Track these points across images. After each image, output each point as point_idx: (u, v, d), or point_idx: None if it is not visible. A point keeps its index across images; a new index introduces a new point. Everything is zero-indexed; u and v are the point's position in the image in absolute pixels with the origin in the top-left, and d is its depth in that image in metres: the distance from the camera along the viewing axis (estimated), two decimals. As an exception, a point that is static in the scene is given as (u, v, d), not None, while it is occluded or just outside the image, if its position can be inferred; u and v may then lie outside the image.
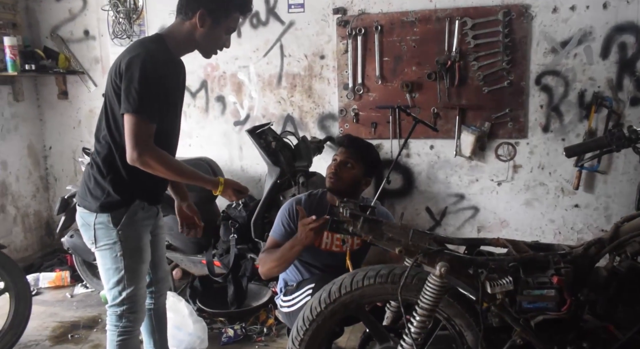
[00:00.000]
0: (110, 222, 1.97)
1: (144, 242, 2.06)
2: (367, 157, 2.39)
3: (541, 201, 3.37)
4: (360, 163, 2.34)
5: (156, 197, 2.15)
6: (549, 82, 3.23)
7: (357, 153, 2.35)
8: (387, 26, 3.36)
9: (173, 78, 1.98)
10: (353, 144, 2.38)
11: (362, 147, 2.42)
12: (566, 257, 1.83)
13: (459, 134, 3.36)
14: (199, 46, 1.99)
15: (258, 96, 3.71)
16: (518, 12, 3.17)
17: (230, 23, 1.99)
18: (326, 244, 2.43)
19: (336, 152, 2.38)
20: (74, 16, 3.97)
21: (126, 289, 2.01)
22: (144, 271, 2.09)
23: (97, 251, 2.04)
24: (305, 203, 2.40)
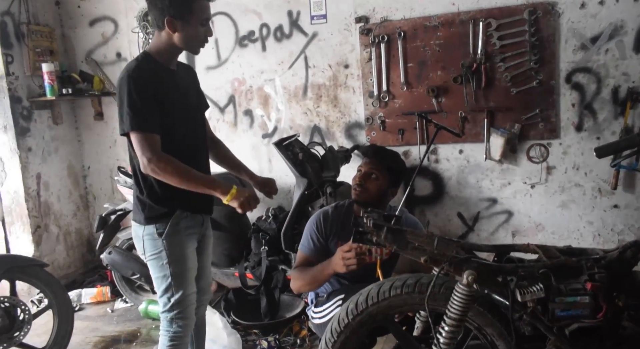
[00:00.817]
0: (155, 233, 2.08)
1: (189, 250, 2.14)
2: (392, 167, 2.37)
3: (578, 203, 3.26)
4: (385, 173, 2.32)
5: (198, 206, 2.18)
6: (580, 80, 3.14)
7: (382, 163, 2.33)
8: (410, 32, 3.35)
9: (166, 84, 2.01)
10: (377, 154, 2.37)
11: (387, 157, 2.40)
12: (600, 262, 1.76)
13: (488, 137, 3.30)
14: (183, 48, 2.03)
15: (285, 108, 3.75)
16: (544, 10, 3.10)
17: (200, 14, 1.99)
18: None
19: (361, 162, 2.37)
20: (106, 40, 4.13)
21: (174, 295, 2.10)
22: (191, 277, 2.16)
23: (148, 261, 2.15)
24: (332, 215, 2.39)
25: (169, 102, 2.01)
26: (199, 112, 2.23)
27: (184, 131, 2.08)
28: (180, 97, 2.07)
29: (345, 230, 2.38)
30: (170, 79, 2.05)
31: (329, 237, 2.38)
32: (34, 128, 3.91)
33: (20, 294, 3.56)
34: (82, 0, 4.11)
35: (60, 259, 4.09)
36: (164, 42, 2.00)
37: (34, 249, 3.86)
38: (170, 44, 2.00)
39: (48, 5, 4.08)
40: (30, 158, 3.87)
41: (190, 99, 2.15)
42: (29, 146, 3.85)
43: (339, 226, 2.38)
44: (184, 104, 2.09)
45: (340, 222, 2.39)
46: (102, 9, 4.09)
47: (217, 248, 3.28)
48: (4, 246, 3.90)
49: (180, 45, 2.00)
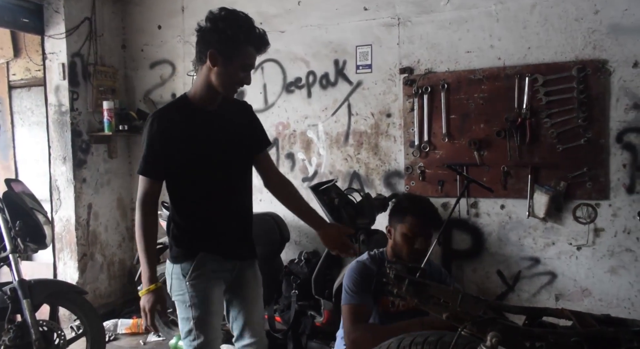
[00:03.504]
0: (180, 273, 2.09)
1: (214, 295, 2.08)
2: (437, 225, 2.30)
3: (629, 269, 3.06)
4: (431, 232, 2.25)
5: (226, 250, 2.13)
6: (632, 140, 3.01)
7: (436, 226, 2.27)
8: (454, 84, 3.36)
9: (193, 127, 1.99)
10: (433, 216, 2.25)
11: (437, 218, 2.29)
12: (640, 335, 1.63)
13: (531, 194, 3.19)
14: (217, 86, 1.97)
15: (326, 153, 3.80)
16: (594, 67, 3.03)
17: (244, 59, 1.97)
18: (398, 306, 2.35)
19: (412, 222, 2.19)
20: (164, 81, 4.39)
21: (196, 340, 2.07)
22: (214, 322, 2.11)
23: (174, 300, 2.16)
24: (371, 265, 2.33)
25: (194, 144, 2.00)
26: (240, 153, 2.15)
27: (205, 173, 2.05)
28: (209, 139, 2.03)
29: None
30: (202, 120, 2.03)
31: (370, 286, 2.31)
32: (90, 160, 4.14)
33: (61, 319, 3.69)
34: (145, 45, 4.42)
35: (102, 288, 4.22)
36: (202, 78, 1.99)
37: (79, 276, 4.01)
38: (206, 78, 1.97)
39: (115, 49, 4.41)
40: (84, 189, 4.09)
41: (227, 141, 2.09)
42: (84, 177, 4.08)
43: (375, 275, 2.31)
44: (216, 146, 2.05)
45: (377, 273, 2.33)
46: (162, 53, 4.37)
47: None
48: (52, 271, 4.08)
49: (215, 81, 1.96)
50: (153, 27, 4.38)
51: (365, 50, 3.63)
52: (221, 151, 2.08)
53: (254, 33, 1.97)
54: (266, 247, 3.32)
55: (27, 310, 2.74)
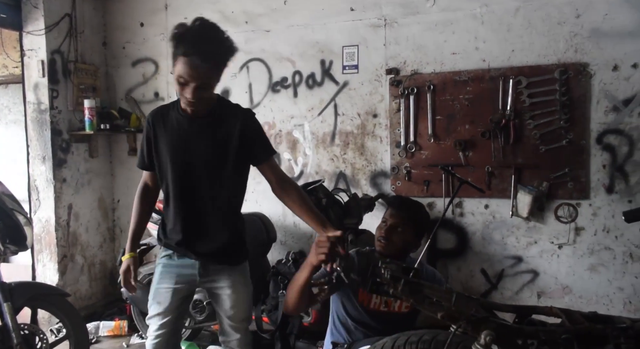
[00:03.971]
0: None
1: (159, 286, 2.28)
2: (418, 219, 2.32)
3: (607, 267, 3.15)
4: (410, 226, 2.27)
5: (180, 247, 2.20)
6: (612, 142, 3.10)
7: (408, 216, 2.29)
8: (440, 85, 3.40)
9: (170, 130, 2.11)
10: (404, 206, 2.32)
11: (413, 209, 2.35)
12: (627, 332, 1.68)
13: (515, 194, 3.25)
14: None
15: (312, 153, 3.80)
16: (575, 70, 3.11)
17: (176, 69, 1.92)
18: (374, 304, 2.38)
19: (386, 213, 2.33)
20: (146, 80, 4.32)
21: None
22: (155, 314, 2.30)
23: None
24: (354, 255, 2.35)
25: (158, 144, 2.14)
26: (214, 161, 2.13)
27: (179, 178, 2.12)
28: (180, 144, 2.09)
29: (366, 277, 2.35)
30: (182, 125, 2.09)
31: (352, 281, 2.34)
32: (71, 160, 4.06)
33: (41, 322, 3.61)
34: (127, 43, 4.35)
35: (82, 290, 4.14)
36: None
37: (59, 278, 3.93)
38: None
39: (96, 46, 4.32)
40: (64, 189, 4.00)
41: (200, 148, 2.09)
42: (64, 177, 3.99)
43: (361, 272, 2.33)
44: (185, 151, 2.09)
45: (362, 269, 2.35)
46: (145, 51, 4.31)
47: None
48: (31, 273, 3.98)
49: None
50: (135, 25, 4.31)
51: (351, 50, 3.64)
52: (189, 157, 2.10)
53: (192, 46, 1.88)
54: (253, 247, 3.28)
55: (8, 314, 2.68)
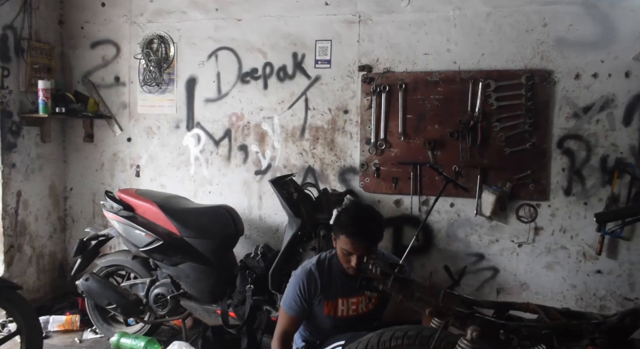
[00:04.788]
0: None
1: None
2: (379, 237, 2.33)
3: (562, 265, 3.32)
4: (375, 245, 2.31)
5: None
6: (571, 146, 3.26)
7: (372, 242, 2.28)
8: (411, 85, 3.45)
9: None
10: (364, 235, 2.25)
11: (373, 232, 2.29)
12: (600, 327, 1.78)
13: (479, 194, 3.36)
14: None
15: (281, 147, 3.76)
16: (541, 77, 3.24)
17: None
18: (342, 312, 2.40)
19: (346, 242, 2.24)
20: (106, 63, 4.12)
21: None
22: None
23: None
24: (316, 274, 2.37)
25: None
26: None
27: None
28: None
29: (330, 287, 2.37)
30: None
31: (313, 297, 2.35)
32: (21, 144, 3.81)
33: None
34: (86, 22, 4.12)
35: (30, 282, 3.90)
36: None
37: (4, 269, 3.68)
38: None
39: (52, 24, 4.07)
40: (13, 174, 3.75)
41: None
42: (13, 162, 3.74)
43: (323, 284, 2.35)
44: None
45: (326, 278, 2.36)
46: (106, 33, 4.10)
47: (200, 283, 3.20)
48: (-28, 264, 3.71)
49: None
50: (96, 4, 4.09)
51: (324, 45, 3.63)
52: None
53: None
54: (220, 240, 3.23)
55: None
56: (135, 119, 4.07)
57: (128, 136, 4.09)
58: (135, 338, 3.30)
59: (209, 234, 3.19)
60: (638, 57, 3.10)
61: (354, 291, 2.37)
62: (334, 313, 2.36)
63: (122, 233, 3.28)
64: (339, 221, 2.32)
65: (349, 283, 2.34)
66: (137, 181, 4.07)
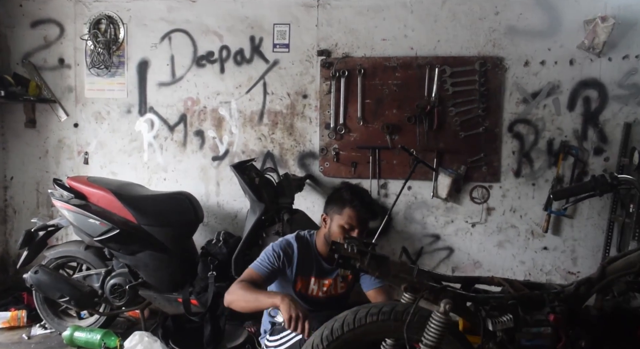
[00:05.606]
0: None
1: None
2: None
3: (512, 243, 3.50)
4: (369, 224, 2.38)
5: None
6: (521, 130, 3.43)
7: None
8: (370, 70, 3.49)
9: None
10: (372, 209, 2.35)
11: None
12: (559, 296, 1.90)
13: (436, 176, 3.47)
14: None
15: (238, 132, 3.71)
16: (493, 63, 3.38)
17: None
18: (313, 291, 2.42)
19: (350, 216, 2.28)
20: (49, 44, 3.88)
21: None
22: None
23: None
24: (296, 246, 2.37)
25: None
26: None
27: None
28: None
29: (306, 264, 2.38)
30: None
31: (287, 266, 2.35)
32: (-45, 130, 3.54)
33: None
34: (25, 0, 3.86)
35: (-32, 278, 3.66)
36: None
37: (-61, 264, 3.43)
38: None
39: (-14, 1, 3.79)
40: (-53, 162, 3.48)
41: None
42: (-54, 149, 3.47)
43: (300, 257, 2.36)
44: None
45: (303, 255, 2.37)
46: (48, 11, 3.86)
47: (160, 272, 3.12)
48: None
49: None
50: (36, -20, 3.84)
51: (283, 29, 3.59)
52: None
53: None
54: (180, 228, 3.16)
55: None
56: (83, 104, 3.87)
57: (75, 121, 3.89)
58: (90, 331, 3.17)
59: (168, 222, 3.11)
60: (581, 45, 3.28)
61: (327, 273, 2.40)
62: (305, 290, 2.37)
63: (73, 223, 3.13)
64: (340, 197, 2.33)
65: (324, 266, 2.37)
66: (86, 168, 3.89)
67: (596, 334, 1.90)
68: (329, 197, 2.43)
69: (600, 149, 3.35)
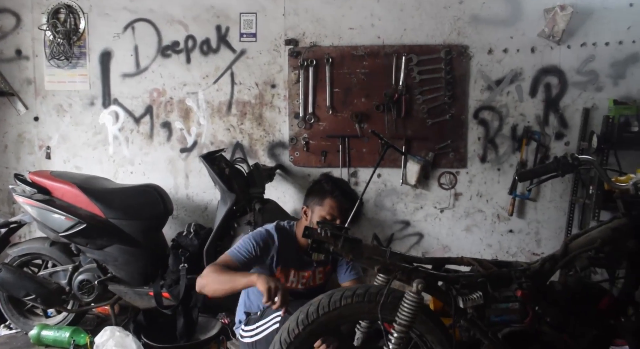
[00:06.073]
0: None
1: None
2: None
3: (480, 227, 3.59)
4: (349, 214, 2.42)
5: None
6: (486, 117, 3.51)
7: (353, 206, 2.41)
8: (338, 59, 3.50)
9: None
10: (352, 199, 2.40)
11: (356, 198, 2.47)
12: (526, 273, 1.97)
13: (405, 164, 3.52)
14: None
15: (207, 123, 3.67)
16: (458, 51, 3.44)
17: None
18: (292, 283, 2.42)
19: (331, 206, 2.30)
20: (4, 34, 3.74)
21: None
22: None
23: None
24: (276, 237, 2.36)
25: None
26: None
27: None
28: None
29: (286, 255, 2.38)
30: None
31: (265, 256, 2.34)
32: None
33: None
34: (-23, -12, 3.71)
35: None
36: None
37: None
38: None
39: None
40: None
41: None
42: None
43: (280, 248, 2.36)
44: None
45: (283, 246, 2.37)
46: (3, 1, 3.72)
47: (130, 266, 3.07)
48: None
49: None
50: (-12, -32, 3.69)
51: (249, 18, 3.56)
52: None
53: None
54: (149, 220, 3.11)
55: None
56: (43, 96, 3.75)
57: (35, 114, 3.77)
58: (58, 329, 3.09)
59: (136, 215, 3.06)
60: (542, 34, 3.38)
61: (307, 266, 2.41)
62: (284, 282, 2.37)
63: (37, 218, 3.04)
64: (320, 189, 2.34)
65: (304, 259, 2.38)
66: (49, 163, 3.78)
67: (561, 308, 1.98)
68: (309, 190, 2.44)
69: (561, 134, 3.47)
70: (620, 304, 2.03)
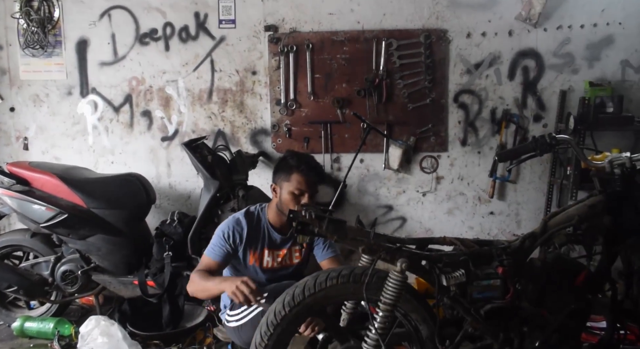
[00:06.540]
0: None
1: None
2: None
3: (461, 210, 3.65)
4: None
5: None
6: (465, 100, 3.55)
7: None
8: (318, 45, 3.50)
9: None
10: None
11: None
12: (506, 251, 2.01)
13: (387, 148, 3.55)
14: None
15: (187, 111, 3.64)
16: (437, 35, 3.46)
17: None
18: (267, 262, 2.44)
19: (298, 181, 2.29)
20: (-24, 23, 3.65)
21: None
22: None
23: None
24: (244, 223, 2.38)
25: None
26: None
27: None
28: None
29: (257, 238, 2.40)
30: None
31: (238, 245, 2.36)
32: None
33: None
34: (-56, -25, 3.60)
35: None
36: None
37: None
38: None
39: None
40: None
41: None
42: None
43: (250, 233, 2.38)
44: None
45: (253, 230, 2.38)
46: (-27, -11, 3.62)
47: (113, 255, 3.06)
48: None
49: None
50: (-43, -45, 3.58)
51: (228, 4, 3.53)
52: None
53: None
54: (132, 210, 3.09)
55: None
56: (18, 87, 3.68)
57: (10, 105, 3.69)
58: (42, 320, 3.07)
59: (119, 204, 3.03)
60: (519, 17, 3.42)
61: (281, 244, 2.42)
62: (260, 263, 2.39)
63: (17, 210, 3.00)
64: (286, 165, 2.34)
65: (276, 236, 2.39)
66: (26, 154, 3.71)
67: (541, 284, 2.04)
68: (275, 167, 2.42)
69: (539, 116, 3.53)
70: (596, 279, 2.09)
